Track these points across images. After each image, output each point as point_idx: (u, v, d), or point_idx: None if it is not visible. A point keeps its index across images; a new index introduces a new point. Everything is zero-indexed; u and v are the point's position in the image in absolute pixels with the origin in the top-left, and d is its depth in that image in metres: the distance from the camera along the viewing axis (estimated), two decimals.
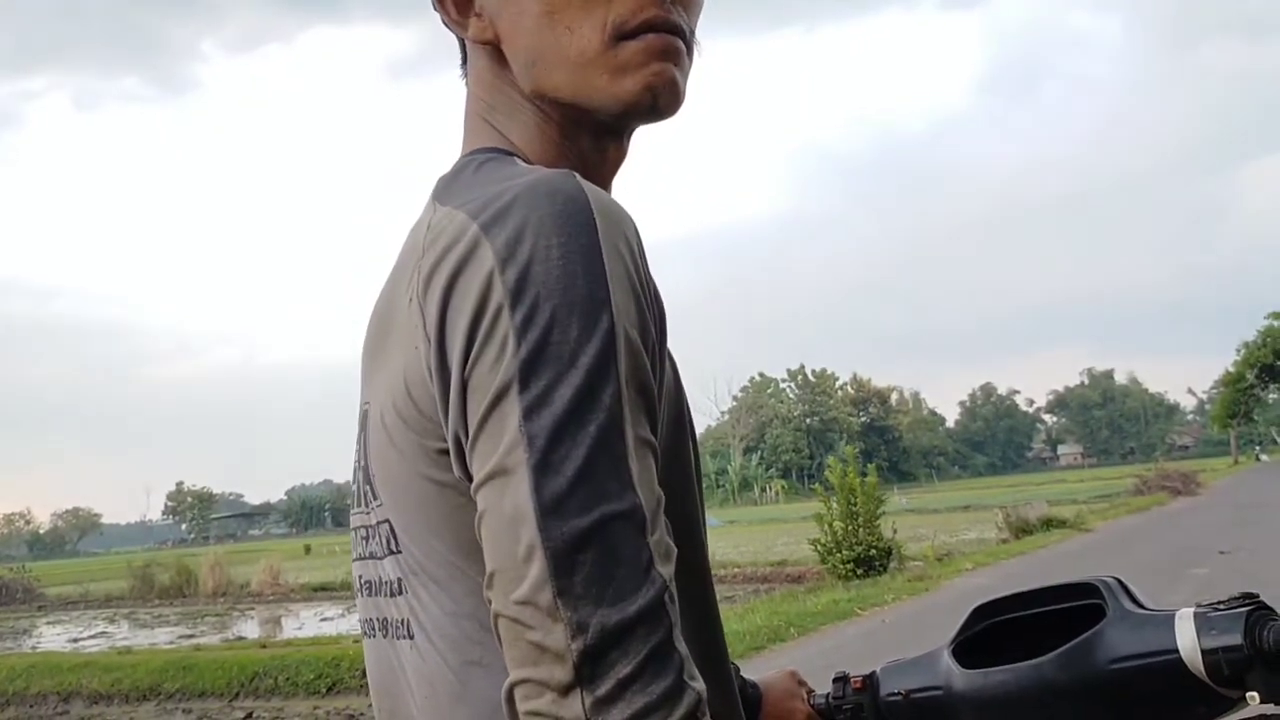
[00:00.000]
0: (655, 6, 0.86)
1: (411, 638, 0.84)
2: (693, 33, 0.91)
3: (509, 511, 0.69)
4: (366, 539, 0.89)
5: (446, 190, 0.86)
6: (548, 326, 0.70)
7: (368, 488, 0.88)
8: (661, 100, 0.87)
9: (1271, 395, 72.52)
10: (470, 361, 0.72)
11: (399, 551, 0.84)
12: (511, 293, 0.71)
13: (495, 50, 0.92)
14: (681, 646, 0.68)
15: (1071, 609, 1.11)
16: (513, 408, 0.69)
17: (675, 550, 0.72)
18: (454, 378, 0.73)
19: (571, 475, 0.68)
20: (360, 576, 0.92)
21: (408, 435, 0.80)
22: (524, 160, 0.89)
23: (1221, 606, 0.97)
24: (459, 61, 0.99)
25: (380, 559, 0.87)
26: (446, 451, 0.76)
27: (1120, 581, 1.07)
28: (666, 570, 0.69)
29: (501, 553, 0.69)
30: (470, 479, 0.73)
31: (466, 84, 0.97)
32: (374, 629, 0.90)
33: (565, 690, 0.66)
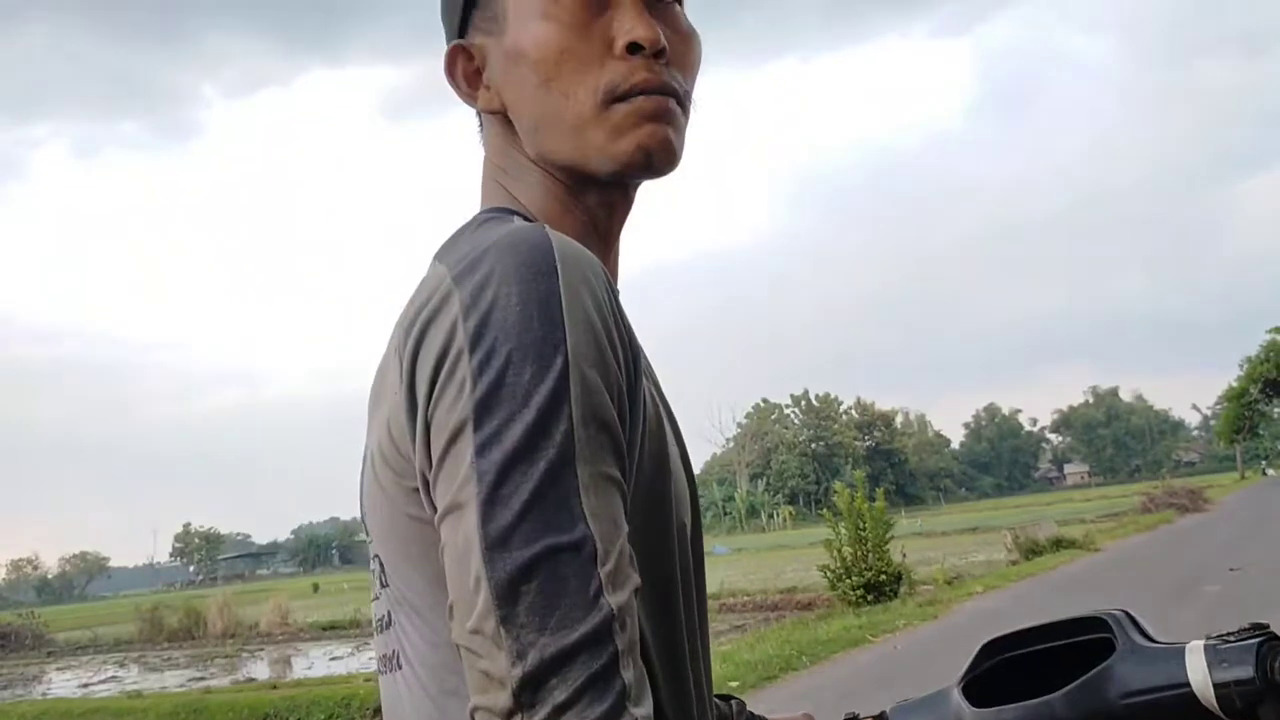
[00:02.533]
0: (645, 70, 0.91)
1: (400, 669, 0.88)
2: (688, 94, 0.95)
3: (461, 544, 0.72)
4: (372, 576, 0.94)
5: (444, 248, 0.90)
6: (502, 368, 0.73)
7: (364, 525, 0.93)
8: (656, 159, 0.92)
9: (1276, 410, 72.21)
10: (433, 403, 0.77)
11: (387, 585, 0.89)
12: (471, 338, 0.75)
13: (504, 118, 0.97)
14: (629, 674, 0.70)
15: (1080, 643, 1.11)
16: (467, 445, 0.73)
17: (636, 580, 0.73)
18: (419, 418, 0.78)
19: (518, 509, 0.70)
20: (373, 616, 0.96)
21: (390, 475, 0.84)
22: (527, 218, 0.92)
23: (1232, 638, 0.97)
24: (476, 126, 1.04)
25: (377, 596, 0.92)
26: (420, 489, 0.80)
27: (1129, 614, 1.07)
28: (617, 599, 0.70)
29: (457, 584, 0.73)
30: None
31: (484, 149, 1.02)
32: (380, 665, 0.93)
33: (506, 716, 0.68)
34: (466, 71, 0.99)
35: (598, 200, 0.96)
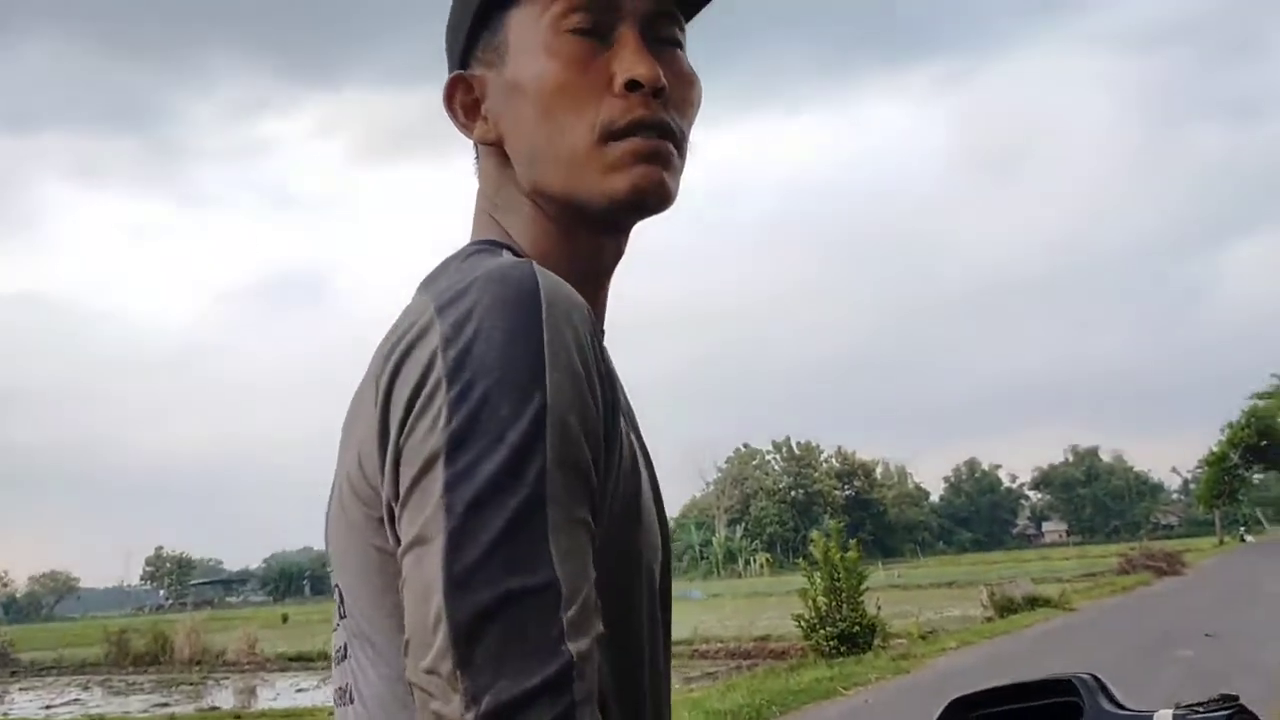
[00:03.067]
0: (642, 108, 0.91)
1: (353, 704, 0.87)
2: (685, 135, 0.96)
3: (423, 580, 0.71)
4: (336, 608, 0.92)
5: (430, 278, 0.90)
6: (479, 403, 0.72)
7: (328, 554, 0.92)
8: (649, 199, 0.92)
9: (1256, 476, 72.66)
10: (405, 432, 0.76)
11: (346, 617, 0.88)
12: (450, 370, 0.74)
13: (499, 151, 0.97)
14: None
15: (1048, 706, 1.10)
16: (438, 479, 0.72)
17: (599, 628, 0.72)
18: (390, 447, 0.77)
19: (485, 547, 0.69)
20: (332, 647, 0.94)
21: (357, 505, 0.83)
22: (516, 252, 0.92)
23: (1200, 709, 0.96)
24: (474, 157, 1.04)
25: (336, 626, 0.91)
26: (386, 520, 0.79)
27: (1097, 679, 1.06)
28: (578, 646, 0.69)
29: (415, 620, 0.71)
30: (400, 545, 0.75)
31: (478, 180, 1.02)
32: (336, 697, 0.92)
33: None
34: (465, 102, 0.99)
35: (589, 239, 0.96)
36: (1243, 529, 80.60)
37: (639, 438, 0.96)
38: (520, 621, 0.68)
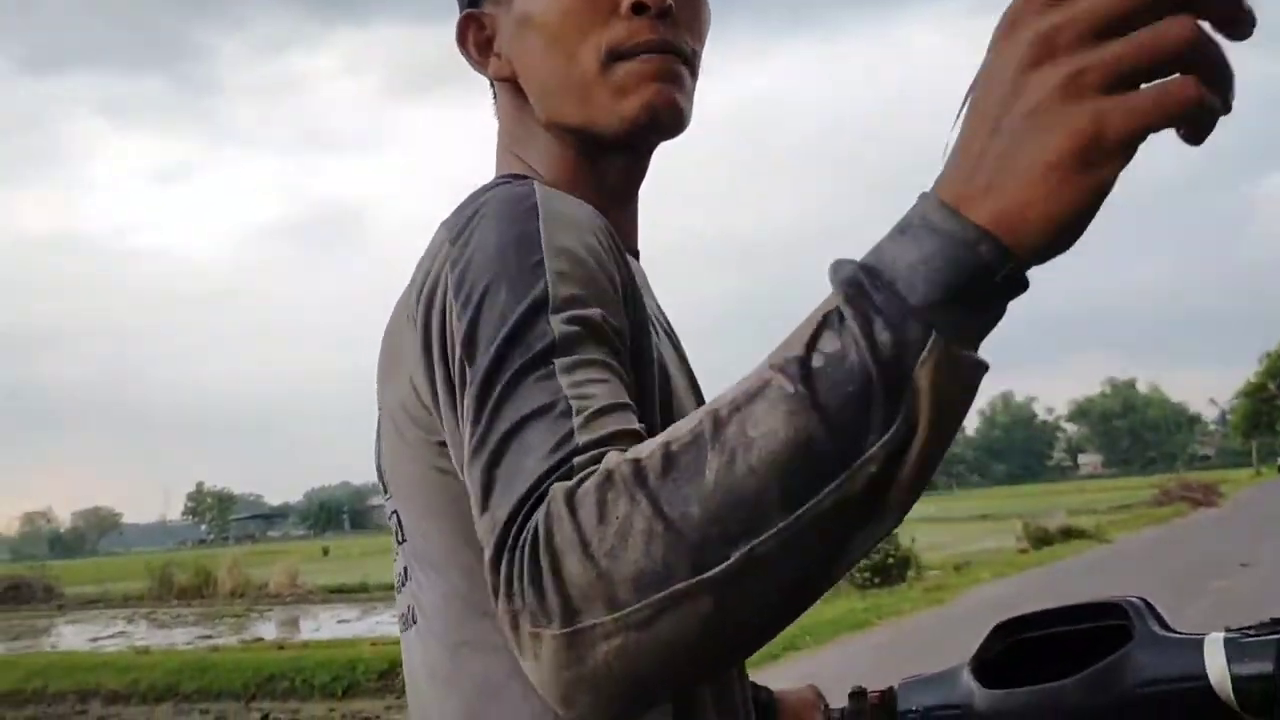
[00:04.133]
0: (648, 30, 0.91)
1: (415, 623, 0.89)
2: (696, 54, 0.96)
3: (466, 476, 0.69)
4: (393, 536, 0.94)
5: (450, 216, 0.89)
6: (480, 300, 0.73)
7: (382, 485, 0.94)
8: (662, 120, 0.93)
9: None
10: (442, 360, 0.77)
11: (405, 541, 0.90)
12: (455, 287, 0.76)
13: (515, 86, 0.98)
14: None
15: (1096, 629, 1.09)
16: (466, 383, 0.71)
17: (627, 422, 0.67)
18: (437, 376, 0.78)
19: (490, 408, 0.68)
20: (394, 575, 0.96)
21: (415, 431, 0.84)
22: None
23: (1252, 633, 0.95)
24: (490, 98, 1.05)
25: (396, 554, 0.92)
26: (446, 443, 0.79)
27: (1147, 603, 1.05)
28: (589, 436, 0.64)
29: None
30: None
31: (497, 119, 1.03)
32: (400, 623, 0.94)
33: (494, 590, 0.62)
34: (478, 40, 1.00)
35: (610, 163, 0.97)
36: (1279, 459, 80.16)
37: (679, 352, 0.96)
38: (526, 443, 0.65)
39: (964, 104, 0.56)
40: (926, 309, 0.54)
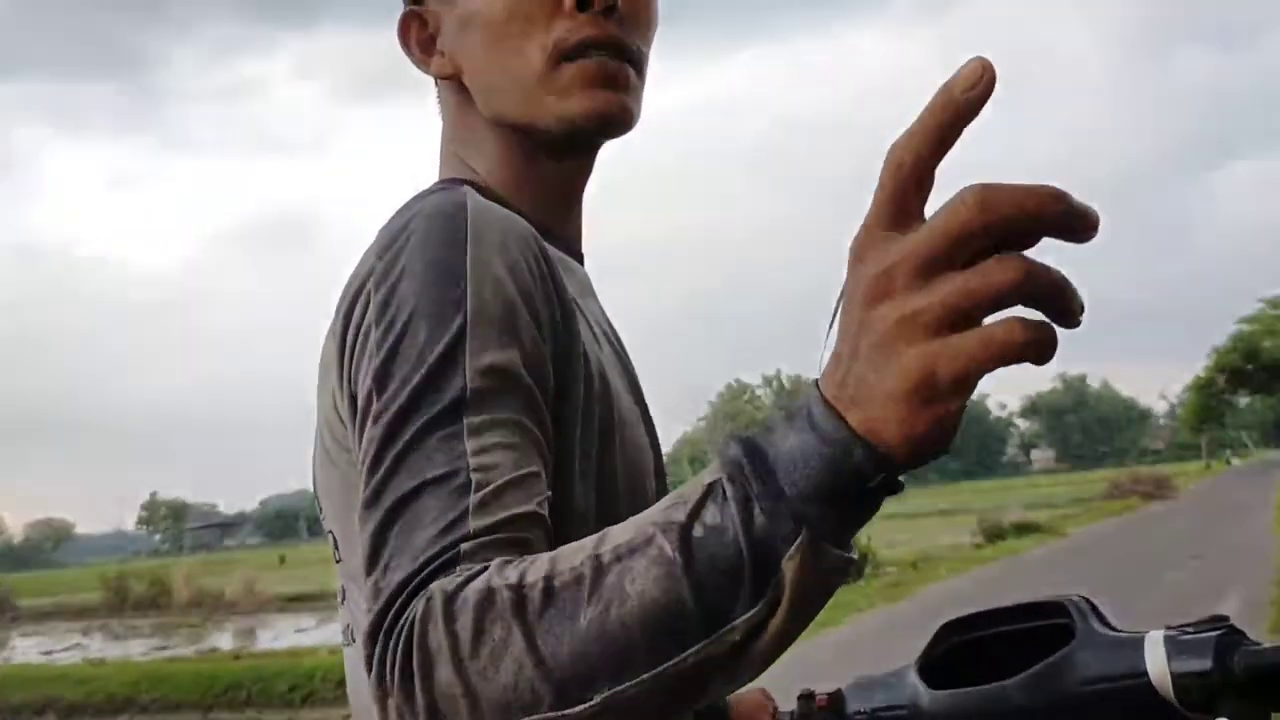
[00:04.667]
0: (592, 26, 0.90)
1: (353, 642, 0.87)
2: (641, 52, 0.95)
3: (357, 517, 0.70)
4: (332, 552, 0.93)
5: (391, 218, 0.88)
6: (399, 335, 0.73)
7: (317, 502, 0.93)
8: (607, 121, 0.92)
9: (1241, 400, 73.11)
10: (355, 380, 0.77)
11: (340, 560, 0.89)
12: (377, 310, 0.75)
13: (458, 84, 0.97)
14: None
15: (1040, 628, 1.10)
16: (370, 415, 0.72)
17: (526, 504, 0.68)
18: (345, 392, 0.78)
19: (389, 463, 0.68)
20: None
21: (338, 449, 0.84)
22: (478, 188, 0.90)
23: (1191, 630, 0.96)
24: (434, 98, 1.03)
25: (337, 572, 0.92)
26: None
27: (1089, 602, 1.06)
28: (483, 521, 0.65)
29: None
30: None
31: (441, 119, 1.02)
32: (343, 637, 0.93)
33: (368, 667, 0.63)
34: (420, 38, 0.99)
35: (555, 164, 0.96)
36: (1228, 452, 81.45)
37: (620, 356, 0.96)
38: (419, 513, 0.66)
39: (835, 311, 0.58)
40: (800, 503, 0.56)
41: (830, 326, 0.58)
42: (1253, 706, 0.93)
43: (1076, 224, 0.53)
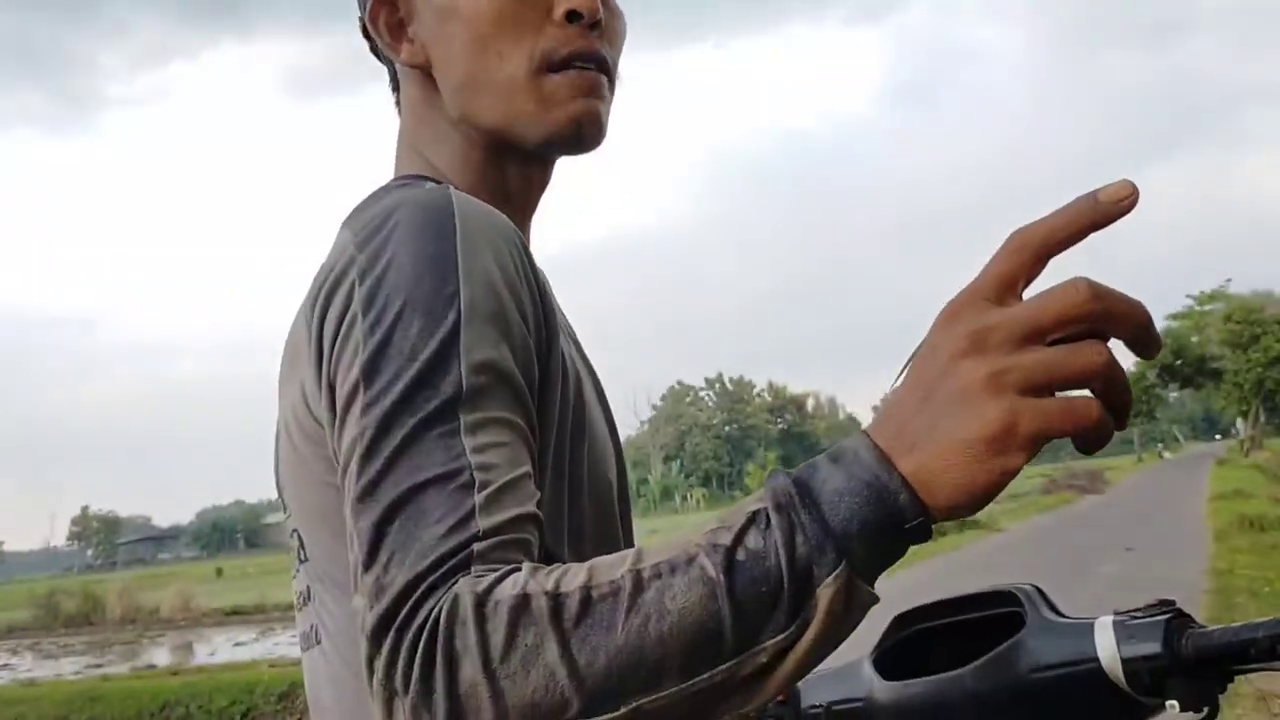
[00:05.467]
0: (581, 39, 0.91)
1: (319, 643, 0.86)
2: (615, 65, 0.96)
3: (348, 503, 0.69)
4: (291, 553, 0.91)
5: (352, 215, 0.87)
6: (391, 327, 0.72)
7: (281, 500, 0.91)
8: (585, 134, 0.93)
9: (1172, 394, 74.73)
10: (334, 370, 0.75)
11: (306, 560, 0.87)
12: (364, 300, 0.74)
13: (426, 76, 0.95)
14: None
15: (991, 617, 1.11)
16: (357, 406, 0.71)
17: (524, 510, 0.68)
18: (324, 385, 0.76)
19: (386, 457, 0.68)
20: (294, 594, 0.94)
21: (308, 444, 0.81)
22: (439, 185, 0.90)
23: (1140, 614, 0.97)
24: (391, 89, 1.02)
25: (296, 572, 0.90)
26: None
27: (1039, 590, 1.07)
28: (492, 520, 0.65)
29: (350, 550, 0.69)
30: None
31: (399, 113, 1.00)
32: (301, 642, 0.91)
33: (369, 666, 0.63)
34: (390, 22, 0.97)
35: (518, 170, 0.95)
36: (1161, 446, 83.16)
37: (584, 358, 0.96)
38: (423, 509, 0.65)
39: (905, 365, 0.63)
40: (842, 536, 0.59)
41: (898, 377, 0.63)
42: (1201, 689, 0.94)
43: (1150, 344, 0.60)
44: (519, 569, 0.63)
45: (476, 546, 0.64)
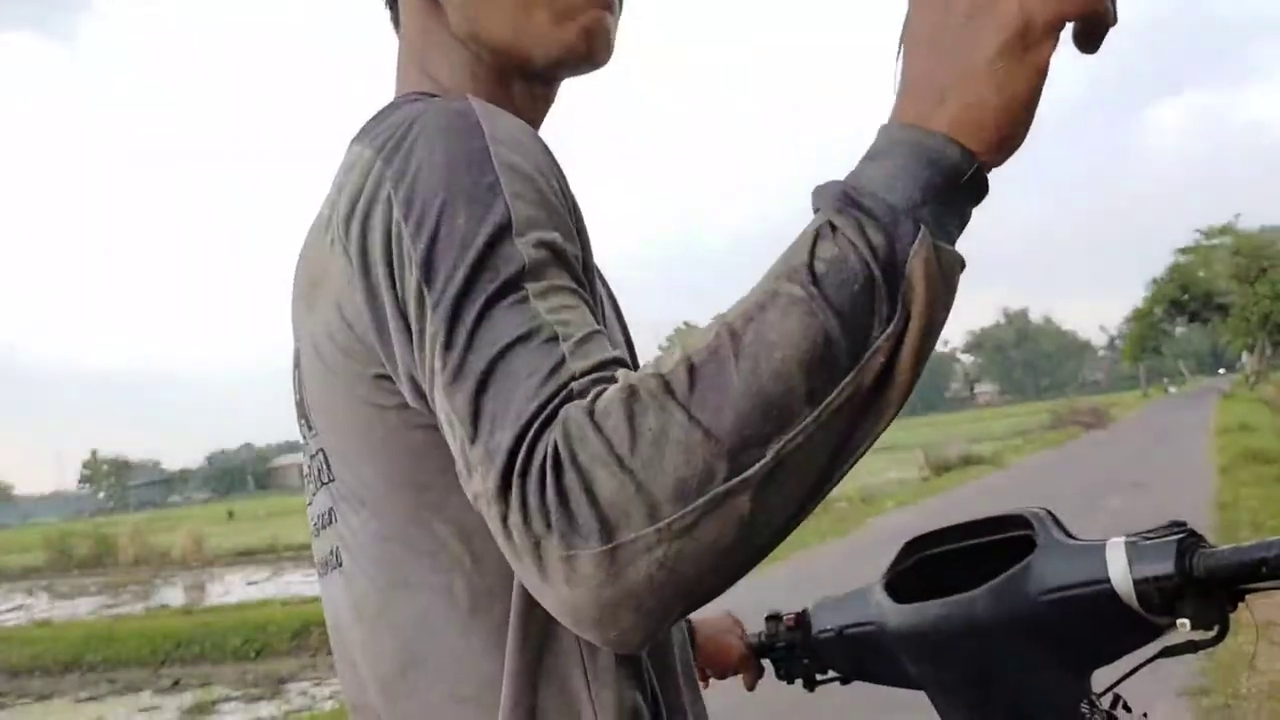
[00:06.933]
0: None
1: (341, 565, 0.85)
2: None
3: (438, 396, 0.68)
4: (309, 479, 0.90)
5: (364, 131, 0.85)
6: (436, 224, 0.70)
7: (303, 421, 0.89)
8: (597, 50, 0.91)
9: (1179, 329, 74.55)
10: (392, 284, 0.72)
11: (331, 481, 0.85)
12: (404, 207, 0.72)
13: None
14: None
15: (1003, 541, 1.11)
16: (427, 309, 0.69)
17: (613, 352, 0.68)
18: (385, 304, 0.73)
19: (464, 338, 0.66)
20: (310, 519, 0.93)
21: (347, 364, 0.79)
22: None
23: (1152, 536, 0.97)
24: (386, 5, 1.00)
25: (314, 495, 0.89)
26: (385, 376, 0.76)
27: (1050, 513, 1.07)
28: (580, 365, 0.65)
29: (451, 444, 0.68)
30: (425, 400, 0.72)
31: (398, 32, 0.98)
32: (319, 568, 0.91)
33: (502, 523, 0.62)
34: None
35: (524, 90, 0.94)
36: (1166, 381, 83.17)
37: (602, 278, 0.94)
38: (513, 370, 0.64)
39: (900, 44, 0.63)
40: (909, 209, 0.59)
41: (897, 62, 0.63)
42: (1213, 607, 0.94)
43: None
44: (615, 380, 0.63)
45: (575, 385, 0.63)
